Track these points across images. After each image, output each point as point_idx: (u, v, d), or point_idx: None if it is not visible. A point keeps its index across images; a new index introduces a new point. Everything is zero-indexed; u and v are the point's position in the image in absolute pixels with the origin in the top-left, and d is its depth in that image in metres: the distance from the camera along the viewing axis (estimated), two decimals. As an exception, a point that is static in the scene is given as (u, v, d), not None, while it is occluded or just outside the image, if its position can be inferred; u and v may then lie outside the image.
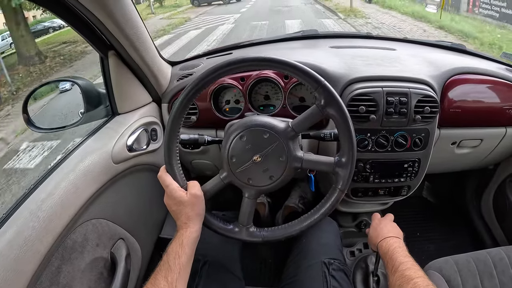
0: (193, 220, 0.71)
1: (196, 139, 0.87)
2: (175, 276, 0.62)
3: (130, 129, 0.96)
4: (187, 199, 0.71)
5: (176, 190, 0.72)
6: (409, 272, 0.66)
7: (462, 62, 1.13)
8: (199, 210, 0.73)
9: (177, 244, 0.67)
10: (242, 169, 0.73)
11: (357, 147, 0.77)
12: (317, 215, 0.77)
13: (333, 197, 0.76)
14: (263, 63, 0.71)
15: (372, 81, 0.98)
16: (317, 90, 0.71)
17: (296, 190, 1.47)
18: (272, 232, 0.79)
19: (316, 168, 0.78)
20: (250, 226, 0.79)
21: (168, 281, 0.60)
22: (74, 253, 0.76)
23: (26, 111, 0.94)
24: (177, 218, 0.71)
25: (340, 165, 0.74)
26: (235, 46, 1.30)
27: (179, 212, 0.71)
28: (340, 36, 1.42)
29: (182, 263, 0.64)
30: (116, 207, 0.92)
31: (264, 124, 0.73)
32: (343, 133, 0.72)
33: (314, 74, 0.70)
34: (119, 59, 0.92)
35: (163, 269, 0.62)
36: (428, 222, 1.60)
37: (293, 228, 0.79)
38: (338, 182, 0.75)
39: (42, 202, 0.70)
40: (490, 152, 1.19)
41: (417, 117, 0.96)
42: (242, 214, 0.78)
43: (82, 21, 0.81)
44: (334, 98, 0.70)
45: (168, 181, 0.73)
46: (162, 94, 1.10)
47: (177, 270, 0.63)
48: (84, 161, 0.82)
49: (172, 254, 0.65)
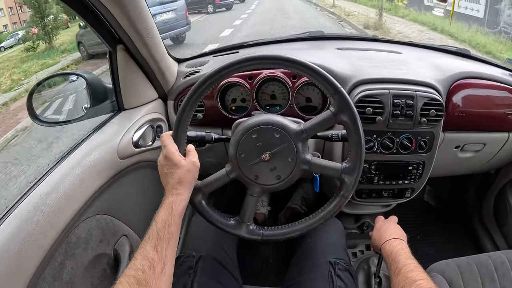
0: (184, 186, 0.68)
1: (203, 136, 0.86)
2: (164, 246, 0.59)
3: (136, 125, 0.96)
4: (184, 163, 0.69)
5: (174, 153, 0.69)
6: (412, 274, 0.66)
7: (467, 67, 1.14)
8: (192, 178, 0.70)
9: (167, 212, 0.63)
10: (250, 166, 0.73)
11: (362, 166, 0.77)
12: (317, 218, 0.78)
13: (335, 202, 0.76)
14: (283, 63, 0.71)
15: (379, 83, 0.99)
16: (333, 97, 0.71)
17: (298, 191, 1.47)
18: (272, 232, 0.79)
19: (323, 173, 0.78)
20: (251, 224, 0.79)
21: (158, 251, 0.58)
22: (77, 248, 0.75)
23: (31, 105, 0.93)
24: (167, 182, 0.68)
25: (347, 171, 0.74)
26: (241, 45, 1.30)
27: (170, 175, 0.68)
28: (346, 38, 1.43)
29: (171, 232, 0.61)
30: (119, 203, 0.91)
31: (277, 124, 0.73)
32: (353, 141, 0.73)
33: (333, 81, 0.70)
34: (127, 53, 0.92)
35: (152, 239, 0.59)
36: (429, 225, 1.60)
37: (293, 229, 0.79)
38: (342, 188, 0.76)
39: (46, 196, 0.69)
40: (493, 157, 1.20)
41: (422, 120, 0.97)
42: (243, 210, 0.78)
43: (93, 14, 0.81)
44: (349, 106, 0.70)
45: (168, 141, 0.71)
46: (168, 91, 1.10)
47: (166, 240, 0.60)
48: (90, 155, 0.82)
49: (161, 223, 0.62)
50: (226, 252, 0.91)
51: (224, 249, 0.91)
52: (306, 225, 0.78)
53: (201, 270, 0.83)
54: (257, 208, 1.41)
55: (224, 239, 0.92)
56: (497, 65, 1.26)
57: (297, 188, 1.49)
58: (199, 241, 0.90)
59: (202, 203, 0.78)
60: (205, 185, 0.77)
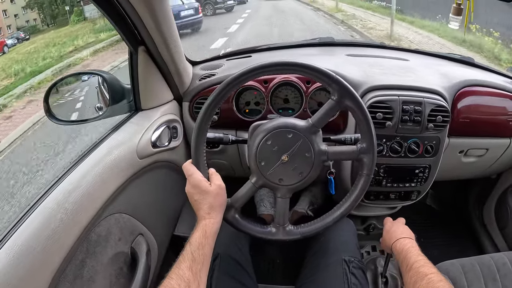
0: (216, 211, 0.71)
1: (221, 137, 0.89)
2: (199, 267, 0.62)
3: (154, 125, 0.97)
4: (212, 189, 0.72)
5: (201, 180, 0.72)
6: (423, 269, 0.68)
7: (472, 75, 1.18)
8: (222, 201, 0.74)
9: (201, 234, 0.66)
10: (272, 171, 0.75)
11: (376, 142, 0.80)
12: (349, 202, 0.80)
13: (361, 182, 0.79)
14: (277, 68, 0.74)
15: (389, 90, 1.02)
16: (331, 86, 0.74)
17: (306, 196, 1.47)
18: (310, 227, 0.81)
19: (341, 158, 0.82)
20: (287, 225, 0.81)
21: (193, 272, 0.60)
22: (98, 247, 0.76)
23: (48, 103, 0.94)
24: (199, 208, 0.71)
25: (363, 151, 0.77)
26: (254, 49, 1.33)
27: (201, 201, 0.71)
28: (355, 45, 1.46)
29: (205, 253, 0.65)
30: (136, 202, 0.92)
31: (286, 125, 0.75)
32: (361, 121, 0.76)
33: (326, 71, 0.73)
34: (148, 55, 0.94)
35: (187, 259, 0.62)
36: (431, 228, 1.63)
37: (329, 219, 0.81)
38: (363, 167, 0.78)
39: (69, 194, 0.70)
40: (494, 162, 1.24)
41: (429, 126, 1.00)
42: (277, 214, 0.80)
43: (119, 14, 0.82)
44: (348, 90, 0.74)
45: (192, 170, 0.74)
46: (183, 93, 1.11)
47: (201, 261, 0.63)
48: (110, 154, 0.83)
49: (195, 245, 0.64)
50: (241, 250, 0.93)
51: (239, 247, 0.93)
52: (341, 212, 0.81)
53: (218, 269, 0.85)
54: (265, 209, 1.42)
55: (239, 238, 0.94)
56: (500, 73, 1.30)
57: (305, 192, 1.50)
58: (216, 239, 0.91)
59: (236, 217, 0.80)
60: (236, 201, 0.79)
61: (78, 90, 1.24)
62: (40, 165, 3.45)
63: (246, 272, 0.89)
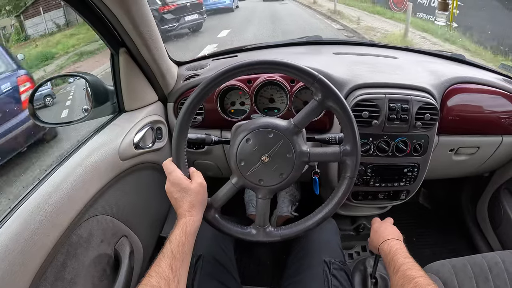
0: (196, 209, 0.71)
1: (203, 138, 0.88)
2: (179, 264, 0.62)
3: (137, 127, 0.97)
4: (193, 187, 0.72)
5: (181, 178, 0.72)
6: (410, 272, 0.67)
7: (462, 72, 1.16)
8: (202, 200, 0.73)
9: (181, 232, 0.66)
10: (252, 171, 0.75)
11: (360, 144, 0.78)
12: (331, 205, 0.79)
13: (344, 185, 0.77)
14: (258, 66, 0.73)
15: (375, 88, 1.01)
16: (313, 85, 0.72)
17: (284, 197, 1.44)
18: (290, 229, 0.80)
19: (323, 160, 0.79)
20: (267, 227, 0.80)
21: (173, 269, 0.60)
22: (79, 248, 0.76)
23: (32, 105, 0.94)
24: (179, 206, 0.71)
25: (346, 153, 0.76)
26: (240, 49, 1.32)
27: (181, 199, 0.71)
28: (343, 43, 1.45)
29: (185, 251, 0.64)
30: (120, 204, 0.92)
31: (267, 125, 0.74)
32: (344, 122, 0.74)
33: (308, 70, 0.72)
34: (129, 56, 0.93)
35: (166, 257, 0.62)
36: (424, 227, 1.62)
37: (310, 222, 0.79)
38: (346, 170, 0.77)
39: (49, 196, 0.70)
40: (486, 160, 1.23)
41: (417, 124, 0.99)
42: (258, 215, 0.79)
43: (97, 17, 0.82)
44: (331, 90, 0.72)
45: (172, 168, 0.74)
46: (168, 94, 1.11)
47: (180, 258, 0.62)
48: (92, 156, 0.83)
49: (175, 242, 0.64)
50: (224, 251, 0.92)
51: (222, 248, 0.92)
52: (322, 215, 0.79)
53: (200, 270, 0.85)
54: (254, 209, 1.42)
55: (223, 239, 0.94)
56: (491, 70, 1.28)
57: (280, 194, 1.46)
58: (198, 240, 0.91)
59: (216, 217, 0.79)
60: (216, 201, 0.79)
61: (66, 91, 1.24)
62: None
63: (230, 274, 0.89)
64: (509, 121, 1.14)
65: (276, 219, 1.41)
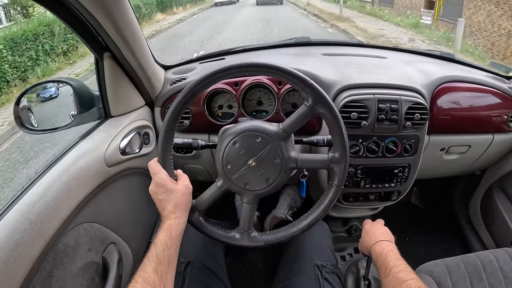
0: (181, 210, 0.70)
1: (190, 143, 0.87)
2: (164, 269, 0.60)
3: (123, 132, 0.96)
4: (179, 188, 0.71)
5: (166, 179, 0.71)
6: (401, 275, 0.67)
7: (451, 71, 1.16)
8: (187, 202, 0.72)
9: (166, 235, 0.65)
10: (238, 175, 0.74)
11: (348, 152, 0.78)
12: (317, 213, 0.78)
13: (330, 194, 0.77)
14: (249, 69, 0.72)
15: (364, 88, 1.00)
16: (304, 90, 0.71)
17: (285, 199, 1.45)
18: (275, 235, 0.79)
19: (311, 167, 0.78)
20: (252, 231, 0.79)
21: (158, 274, 0.59)
22: (66, 257, 0.75)
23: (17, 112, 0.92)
24: (164, 207, 0.69)
25: (334, 161, 0.75)
26: (228, 51, 1.31)
27: (166, 201, 0.69)
28: (332, 44, 1.44)
29: (171, 255, 0.63)
30: (107, 211, 0.91)
31: (255, 128, 0.73)
32: (334, 130, 0.74)
33: (300, 75, 0.70)
34: (114, 61, 0.92)
35: (152, 262, 0.60)
36: (417, 227, 1.62)
37: (295, 228, 0.78)
38: (334, 178, 0.76)
39: (33, 205, 0.69)
40: (478, 158, 1.22)
41: (407, 124, 0.98)
42: (242, 219, 0.78)
43: (79, 22, 0.81)
44: (322, 96, 0.71)
45: (157, 168, 0.72)
46: (155, 98, 1.10)
47: (166, 263, 0.61)
48: (76, 163, 0.81)
49: (160, 246, 0.63)
50: (214, 257, 0.91)
51: (212, 254, 0.91)
52: (308, 222, 0.78)
53: (189, 276, 0.83)
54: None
55: (212, 245, 0.92)
56: (481, 68, 1.28)
57: (283, 195, 1.47)
58: (187, 246, 0.90)
59: (200, 220, 0.78)
60: (200, 203, 0.78)
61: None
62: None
63: (220, 280, 0.87)
64: (499, 119, 1.14)
65: (271, 219, 1.41)
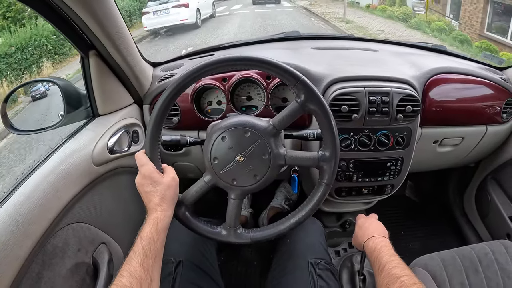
0: (167, 203, 0.69)
1: (178, 140, 0.86)
2: (150, 262, 0.60)
3: (111, 131, 0.94)
4: (165, 180, 0.70)
5: (153, 171, 0.70)
6: (395, 271, 0.66)
7: (443, 62, 1.15)
8: (174, 194, 0.71)
9: (152, 229, 0.64)
10: (225, 170, 0.73)
11: (340, 146, 0.77)
12: (305, 211, 0.77)
13: (319, 192, 0.76)
14: (240, 63, 0.71)
15: (354, 81, 0.99)
16: (296, 86, 0.70)
17: (281, 191, 1.46)
18: (261, 232, 0.78)
19: (300, 164, 0.77)
20: (238, 228, 0.78)
21: (145, 268, 0.58)
22: (54, 258, 0.74)
23: (5, 113, 0.91)
24: (149, 199, 0.69)
25: (324, 159, 0.74)
26: (217, 47, 1.29)
27: (152, 193, 0.69)
28: (322, 38, 1.43)
29: (157, 248, 0.63)
30: (97, 210, 0.90)
31: (244, 123, 0.72)
32: (325, 127, 0.73)
33: (292, 70, 0.69)
34: (100, 59, 0.90)
35: (138, 255, 0.59)
36: (411, 220, 1.62)
37: (282, 226, 0.77)
38: (323, 176, 0.75)
39: (21, 206, 0.68)
40: (472, 150, 1.22)
41: (399, 116, 0.97)
42: (228, 216, 0.77)
43: (63, 19, 0.79)
44: (314, 93, 0.70)
45: (144, 160, 0.72)
46: (143, 95, 1.08)
47: (152, 256, 0.61)
48: (64, 163, 0.80)
49: (146, 239, 0.62)
50: (205, 256, 0.90)
51: (203, 253, 0.90)
52: (295, 220, 0.77)
53: (180, 276, 0.82)
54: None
55: (203, 244, 0.92)
56: (473, 60, 1.27)
57: (279, 188, 1.48)
58: (177, 246, 0.89)
59: (186, 215, 0.77)
60: (186, 198, 0.77)
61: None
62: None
63: (212, 280, 0.87)
64: (492, 110, 1.13)
65: (268, 210, 1.41)
